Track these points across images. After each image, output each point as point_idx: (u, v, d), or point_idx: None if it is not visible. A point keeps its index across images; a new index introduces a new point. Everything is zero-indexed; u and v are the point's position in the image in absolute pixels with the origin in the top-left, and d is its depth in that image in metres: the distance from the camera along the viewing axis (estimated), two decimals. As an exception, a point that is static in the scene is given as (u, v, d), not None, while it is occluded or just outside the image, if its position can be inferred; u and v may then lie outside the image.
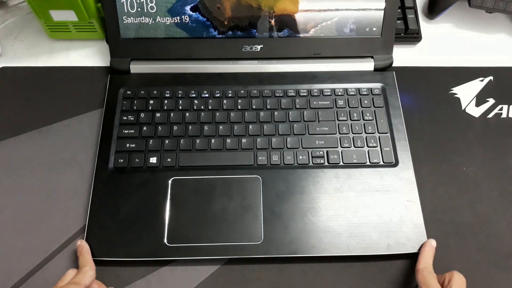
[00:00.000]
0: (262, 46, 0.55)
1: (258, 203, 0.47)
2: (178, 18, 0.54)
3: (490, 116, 0.55)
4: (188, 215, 0.46)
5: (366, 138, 0.51)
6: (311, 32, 0.55)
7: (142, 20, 0.54)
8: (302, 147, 0.51)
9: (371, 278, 0.45)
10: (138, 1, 0.53)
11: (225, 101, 0.54)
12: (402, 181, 0.49)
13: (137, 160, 0.50)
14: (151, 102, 0.53)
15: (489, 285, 0.45)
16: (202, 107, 0.53)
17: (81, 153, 0.52)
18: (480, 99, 0.57)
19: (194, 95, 0.54)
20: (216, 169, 0.49)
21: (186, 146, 0.51)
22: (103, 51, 0.60)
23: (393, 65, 0.57)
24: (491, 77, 0.58)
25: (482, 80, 0.58)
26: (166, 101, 0.54)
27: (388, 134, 0.52)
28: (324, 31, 0.55)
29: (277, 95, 0.54)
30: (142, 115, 0.53)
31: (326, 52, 0.56)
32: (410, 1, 0.61)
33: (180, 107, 0.53)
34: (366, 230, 0.46)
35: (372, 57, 0.56)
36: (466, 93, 0.57)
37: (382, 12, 0.54)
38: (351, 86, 0.55)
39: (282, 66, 0.56)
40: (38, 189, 0.49)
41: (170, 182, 0.48)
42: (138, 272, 0.45)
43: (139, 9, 0.53)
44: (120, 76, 0.55)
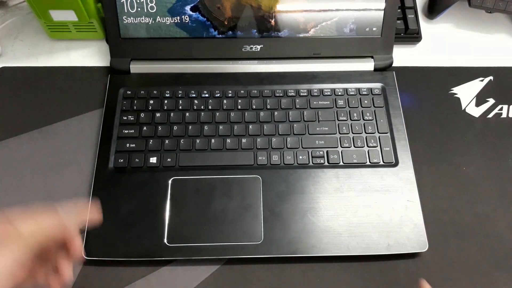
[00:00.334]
0: (262, 46, 0.55)
1: (258, 203, 0.47)
2: (178, 18, 0.54)
3: (490, 116, 0.55)
4: (188, 215, 0.46)
5: (366, 138, 0.51)
6: (311, 32, 0.55)
7: (142, 20, 0.54)
8: (302, 147, 0.51)
9: (371, 278, 0.45)
10: (138, 1, 0.53)
11: (225, 101, 0.54)
12: (402, 181, 0.49)
13: (137, 160, 0.50)
14: (151, 102, 0.53)
15: (489, 285, 0.45)
16: (202, 107, 0.53)
17: (81, 153, 0.51)
18: (480, 99, 0.57)
19: (194, 95, 0.54)
20: (216, 169, 0.49)
21: (186, 146, 0.51)
22: (103, 51, 0.60)
23: (393, 65, 0.57)
24: (491, 77, 0.58)
25: (482, 80, 0.58)
26: (166, 101, 0.53)
27: (388, 134, 0.52)
28: (324, 31, 0.55)
29: (277, 95, 0.54)
30: (142, 115, 0.53)
31: (326, 52, 0.56)
32: (410, 1, 0.61)
33: (180, 107, 0.53)
34: (366, 230, 0.46)
35: (372, 57, 0.56)
36: (466, 93, 0.57)
37: (382, 12, 0.54)
38: (351, 86, 0.55)
39: (282, 66, 0.56)
40: (38, 189, 0.49)
41: (170, 182, 0.48)
42: (138, 272, 0.45)
43: (139, 9, 0.53)
44: (120, 76, 0.55)
